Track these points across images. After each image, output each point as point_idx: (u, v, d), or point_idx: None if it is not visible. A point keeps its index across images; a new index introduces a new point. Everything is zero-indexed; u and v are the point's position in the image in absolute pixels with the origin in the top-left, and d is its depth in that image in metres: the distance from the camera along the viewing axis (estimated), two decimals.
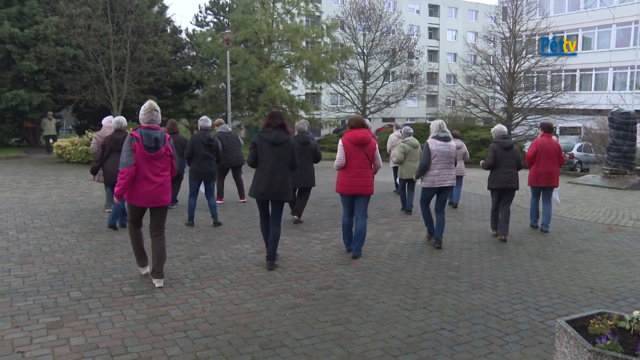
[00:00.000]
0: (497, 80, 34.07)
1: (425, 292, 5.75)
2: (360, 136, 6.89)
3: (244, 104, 28.11)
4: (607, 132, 22.04)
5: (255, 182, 6.43)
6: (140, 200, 5.63)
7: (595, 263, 7.13)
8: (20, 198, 10.96)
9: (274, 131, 6.39)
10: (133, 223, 5.91)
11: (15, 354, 4.05)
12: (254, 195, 6.46)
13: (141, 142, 5.51)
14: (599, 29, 37.97)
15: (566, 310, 5.32)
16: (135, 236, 5.93)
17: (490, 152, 8.43)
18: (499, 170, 8.32)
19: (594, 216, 10.71)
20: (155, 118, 5.68)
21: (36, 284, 5.64)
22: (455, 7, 64.89)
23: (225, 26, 32.14)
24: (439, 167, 7.61)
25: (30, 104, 21.04)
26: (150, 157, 5.57)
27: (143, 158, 5.54)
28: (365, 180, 6.93)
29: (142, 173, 5.56)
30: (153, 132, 5.59)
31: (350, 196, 7.03)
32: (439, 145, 7.61)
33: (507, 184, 8.29)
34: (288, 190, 6.46)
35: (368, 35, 36.26)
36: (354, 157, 6.89)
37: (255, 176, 6.47)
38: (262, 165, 6.39)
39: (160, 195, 5.68)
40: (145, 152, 5.52)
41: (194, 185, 8.95)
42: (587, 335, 3.34)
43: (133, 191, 5.60)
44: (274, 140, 6.35)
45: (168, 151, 5.73)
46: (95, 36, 20.71)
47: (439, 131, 7.72)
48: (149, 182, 5.57)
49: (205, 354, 4.14)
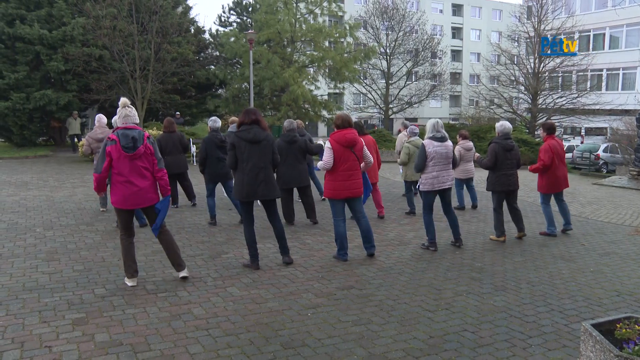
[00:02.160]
0: (521, 80, 33.71)
1: (448, 293, 5.70)
2: (350, 137, 6.62)
3: (266, 104, 28.24)
4: (634, 132, 21.66)
5: (239, 184, 6.21)
6: (127, 203, 5.52)
7: (621, 266, 7.00)
8: (47, 196, 11.17)
9: (250, 129, 6.17)
10: (125, 231, 5.71)
11: (43, 348, 4.13)
12: (239, 197, 6.25)
13: (118, 144, 5.41)
14: (627, 27, 37.22)
15: (591, 313, 5.24)
16: (127, 246, 5.69)
17: (491, 153, 8.00)
18: (501, 173, 8.00)
19: (621, 218, 10.52)
20: (129, 114, 5.57)
21: (62, 281, 5.74)
22: (479, 7, 64.31)
23: (248, 26, 32.35)
24: (438, 169, 7.34)
25: (57, 103, 21.42)
26: (130, 157, 5.46)
27: (123, 159, 5.44)
28: (357, 182, 6.76)
29: (124, 176, 5.46)
30: (130, 132, 5.48)
31: (343, 201, 6.83)
32: (436, 146, 7.32)
33: (509, 187, 8.08)
34: (274, 187, 6.34)
35: (391, 35, 36.19)
36: (344, 160, 6.63)
37: (238, 178, 6.24)
38: (243, 166, 6.17)
39: (147, 195, 5.58)
40: (123, 153, 5.42)
41: (210, 187, 8.96)
42: (614, 339, 3.28)
43: (118, 195, 5.50)
44: (252, 139, 6.14)
45: (148, 149, 5.57)
46: (120, 37, 20.99)
47: (435, 131, 7.41)
48: (131, 184, 5.47)
49: (227, 352, 4.17)
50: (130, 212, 5.71)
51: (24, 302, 5.10)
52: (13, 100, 20.76)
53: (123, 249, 5.71)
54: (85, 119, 27.27)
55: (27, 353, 4.04)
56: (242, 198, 6.23)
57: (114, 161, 5.46)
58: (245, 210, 6.41)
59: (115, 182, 5.52)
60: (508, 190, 8.14)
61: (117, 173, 5.48)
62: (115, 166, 5.47)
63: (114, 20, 20.89)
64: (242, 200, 6.27)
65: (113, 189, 5.56)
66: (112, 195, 5.58)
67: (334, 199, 6.77)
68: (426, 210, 7.56)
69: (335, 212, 6.86)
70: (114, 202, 5.58)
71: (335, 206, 6.84)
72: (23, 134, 22.50)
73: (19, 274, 5.96)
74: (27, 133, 22.64)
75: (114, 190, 5.55)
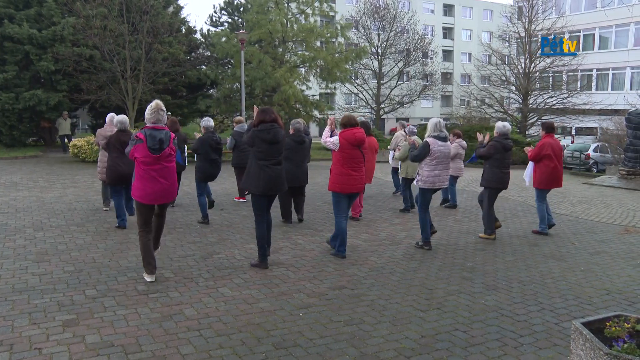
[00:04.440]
0: (512, 80, 33.86)
1: (439, 292, 5.72)
2: (359, 136, 6.81)
3: (258, 104, 28.15)
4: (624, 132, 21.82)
5: (255, 179, 6.25)
6: (150, 198, 5.65)
7: (611, 265, 7.05)
8: (37, 197, 11.09)
9: (271, 128, 6.26)
10: (145, 227, 5.80)
11: (33, 350, 4.10)
12: (256, 191, 6.30)
13: (145, 144, 5.49)
14: (616, 27, 37.50)
15: (582, 312, 5.27)
16: (146, 243, 5.81)
17: (492, 148, 8.15)
18: (498, 171, 8.16)
19: (611, 217, 10.60)
20: (161, 118, 5.67)
21: (53, 282, 5.70)
22: (470, 7, 64.54)
23: (239, 26, 32.25)
24: (440, 167, 7.43)
25: (47, 103, 21.27)
26: (156, 158, 5.57)
27: (148, 159, 5.55)
28: (362, 178, 7.00)
29: (149, 173, 5.56)
30: (158, 133, 5.56)
31: (348, 196, 6.98)
32: (440, 146, 7.38)
33: (503, 185, 8.29)
34: (285, 182, 6.58)
35: (382, 35, 36.19)
36: (352, 157, 6.82)
37: (254, 173, 6.27)
38: (261, 163, 6.24)
39: (170, 191, 5.79)
40: (149, 154, 5.52)
41: (202, 185, 9.02)
42: (604, 338, 3.30)
43: (143, 190, 5.58)
44: (272, 139, 6.25)
45: (172, 151, 5.75)
46: (111, 36, 20.88)
47: (438, 130, 7.48)
48: (156, 181, 5.60)
49: (219, 352, 4.16)
50: (152, 207, 5.82)
51: (13, 303, 5.06)
52: (2, 100, 20.59)
53: (142, 245, 5.80)
54: (76, 119, 27.11)
55: (16, 355, 4.01)
56: (262, 192, 6.30)
57: (139, 158, 5.56)
58: (259, 207, 6.44)
59: (142, 177, 5.59)
60: (501, 188, 8.27)
61: (143, 169, 5.57)
62: (142, 163, 5.56)
63: (104, 20, 20.78)
64: (261, 194, 6.34)
65: (138, 183, 5.61)
66: (136, 189, 5.61)
67: (341, 193, 6.90)
68: (423, 208, 7.59)
69: (340, 209, 6.98)
70: (138, 197, 5.64)
71: (340, 202, 6.98)
72: (12, 134, 22.31)
73: (8, 275, 5.90)
74: (17, 133, 22.46)
75: (139, 185, 5.59)
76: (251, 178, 6.31)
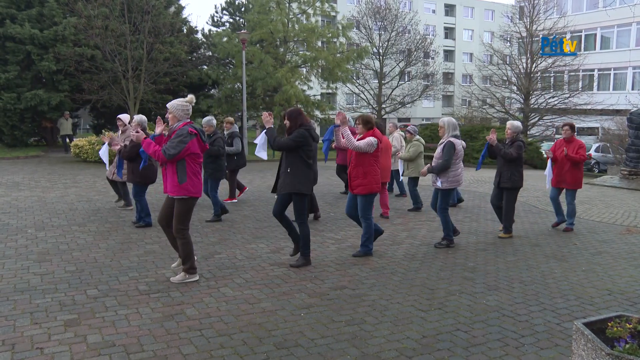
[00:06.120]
0: (514, 80, 33.83)
1: (441, 292, 5.72)
2: (385, 139, 6.98)
3: (259, 104, 28.19)
4: (625, 132, 21.80)
5: (309, 179, 6.33)
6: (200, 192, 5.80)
7: (613, 265, 7.04)
8: (39, 197, 11.11)
9: (312, 129, 6.37)
10: (187, 225, 5.78)
11: (34, 350, 4.11)
12: (310, 191, 6.45)
13: (199, 137, 5.61)
14: (618, 27, 37.46)
15: (583, 312, 5.26)
16: (190, 240, 5.83)
17: (520, 148, 8.09)
18: (522, 170, 8.26)
19: (612, 217, 10.58)
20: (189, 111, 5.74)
21: (54, 282, 5.71)
22: (471, 7, 64.48)
23: (241, 26, 32.29)
24: (461, 166, 7.61)
25: (48, 103, 21.32)
26: (202, 150, 5.73)
27: (200, 153, 5.68)
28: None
29: (198, 167, 5.69)
30: (198, 127, 5.71)
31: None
32: (459, 145, 7.57)
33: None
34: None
35: (384, 35, 36.17)
36: (378, 157, 6.94)
37: (305, 172, 6.27)
38: (310, 162, 6.31)
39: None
40: (204, 146, 5.69)
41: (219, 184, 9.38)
42: (605, 338, 3.30)
43: (197, 185, 5.66)
44: (315, 138, 6.41)
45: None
46: (112, 37, 20.92)
47: (456, 130, 7.63)
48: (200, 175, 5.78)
49: (220, 352, 4.16)
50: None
51: (15, 303, 5.07)
52: (4, 100, 20.65)
53: (190, 244, 5.81)
54: (77, 119, 27.14)
55: (18, 355, 4.02)
56: (311, 191, 6.61)
57: (196, 153, 5.61)
58: (305, 207, 6.44)
59: (197, 173, 5.67)
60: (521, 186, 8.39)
61: (198, 162, 5.68)
62: (197, 157, 5.64)
63: (105, 20, 20.82)
64: (310, 193, 6.64)
65: (195, 179, 5.63)
66: (192, 185, 5.59)
67: (375, 192, 6.91)
68: (447, 208, 7.70)
69: (371, 209, 7.01)
70: (198, 192, 5.70)
71: (372, 202, 7.00)
72: (14, 134, 22.37)
73: (10, 275, 5.92)
74: (19, 133, 22.51)
75: (194, 182, 5.61)
76: (305, 179, 6.27)
